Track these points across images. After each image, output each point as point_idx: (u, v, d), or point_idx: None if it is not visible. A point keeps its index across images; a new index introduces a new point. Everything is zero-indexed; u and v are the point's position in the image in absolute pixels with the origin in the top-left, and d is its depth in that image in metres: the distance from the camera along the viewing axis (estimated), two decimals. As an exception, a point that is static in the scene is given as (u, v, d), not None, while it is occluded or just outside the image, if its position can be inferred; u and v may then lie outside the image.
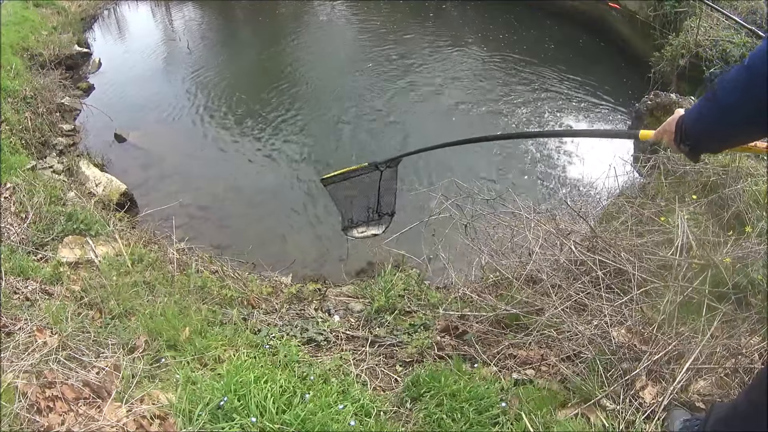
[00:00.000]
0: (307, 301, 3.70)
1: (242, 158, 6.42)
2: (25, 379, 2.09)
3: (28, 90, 6.46)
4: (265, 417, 2.01)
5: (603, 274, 2.53)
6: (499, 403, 2.16)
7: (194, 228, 5.23)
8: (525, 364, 2.48)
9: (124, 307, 2.91)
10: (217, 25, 11.34)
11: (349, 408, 2.16)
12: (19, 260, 3.26)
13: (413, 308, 3.31)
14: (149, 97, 7.95)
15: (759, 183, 3.13)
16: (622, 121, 7.03)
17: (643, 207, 3.14)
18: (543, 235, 2.88)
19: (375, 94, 7.83)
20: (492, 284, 3.13)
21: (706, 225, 2.86)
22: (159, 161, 6.40)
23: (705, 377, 2.10)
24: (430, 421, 2.14)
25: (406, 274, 3.84)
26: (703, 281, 2.32)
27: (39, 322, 2.57)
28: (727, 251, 2.50)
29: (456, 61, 8.82)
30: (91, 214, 4.00)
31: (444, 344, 2.76)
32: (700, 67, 6.13)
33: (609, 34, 9.15)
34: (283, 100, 7.66)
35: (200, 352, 2.59)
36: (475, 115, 7.23)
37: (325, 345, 2.96)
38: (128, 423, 1.97)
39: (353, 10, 11.31)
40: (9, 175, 4.31)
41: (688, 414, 1.94)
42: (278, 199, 5.75)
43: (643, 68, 7.35)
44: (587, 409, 2.07)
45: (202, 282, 3.43)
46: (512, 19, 10.24)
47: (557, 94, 7.71)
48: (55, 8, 9.69)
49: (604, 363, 2.16)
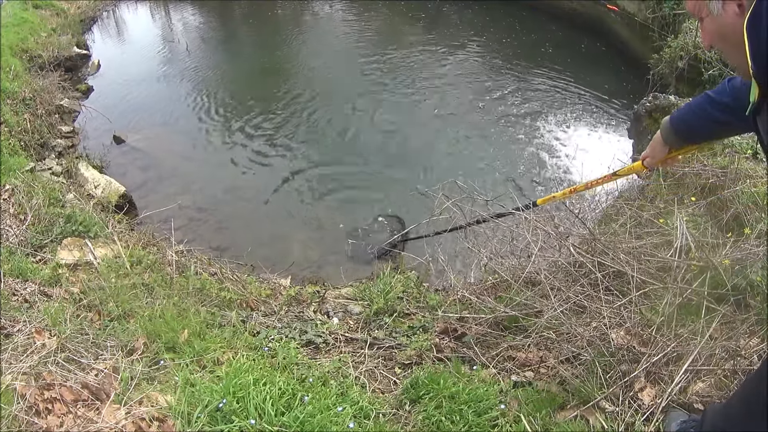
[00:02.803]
0: (305, 303, 3.69)
1: (241, 160, 6.42)
2: (23, 380, 2.08)
3: (27, 92, 6.45)
4: (264, 419, 2.01)
5: (602, 276, 2.53)
6: (498, 405, 2.16)
7: (193, 230, 5.23)
8: (524, 366, 2.48)
9: (122, 309, 2.90)
10: (216, 26, 11.35)
11: (348, 410, 2.15)
12: (18, 262, 3.25)
13: (412, 310, 3.31)
14: (148, 98, 7.95)
15: (758, 185, 3.13)
16: (621, 122, 7.04)
17: (642, 209, 3.14)
18: (542, 237, 2.88)
19: (375, 95, 7.84)
20: (491, 286, 3.13)
21: (705, 227, 2.86)
22: (158, 163, 6.39)
23: (704, 379, 2.10)
24: (429, 423, 2.14)
25: (405, 276, 3.84)
26: (702, 283, 2.32)
27: (38, 324, 2.57)
28: (726, 253, 2.50)
29: (456, 62, 8.84)
30: (90, 215, 4.00)
31: (443, 346, 2.76)
32: (698, 68, 6.15)
33: (608, 36, 9.17)
34: (283, 102, 7.66)
35: (199, 354, 2.58)
36: (475, 116, 7.24)
37: (324, 347, 2.96)
38: (127, 425, 1.97)
39: (353, 12, 11.32)
40: (8, 176, 4.30)
41: (685, 415, 1.94)
42: (277, 201, 5.75)
43: (642, 70, 7.36)
44: (586, 411, 2.07)
45: (201, 284, 3.43)
46: (513, 21, 10.28)
47: (557, 96, 7.73)
48: (55, 10, 9.70)
49: (603, 365, 2.16)
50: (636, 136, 5.47)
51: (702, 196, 3.27)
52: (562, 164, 6.25)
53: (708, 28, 1.41)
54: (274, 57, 9.42)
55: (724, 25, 1.34)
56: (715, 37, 1.40)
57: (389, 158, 6.41)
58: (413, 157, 6.40)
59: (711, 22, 1.39)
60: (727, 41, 1.37)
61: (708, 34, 1.42)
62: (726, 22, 1.33)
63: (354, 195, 5.77)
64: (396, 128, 7.02)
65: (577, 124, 7.14)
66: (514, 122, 7.11)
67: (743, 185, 3.13)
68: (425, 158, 6.37)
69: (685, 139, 1.95)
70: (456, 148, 6.57)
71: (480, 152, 6.48)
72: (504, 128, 6.98)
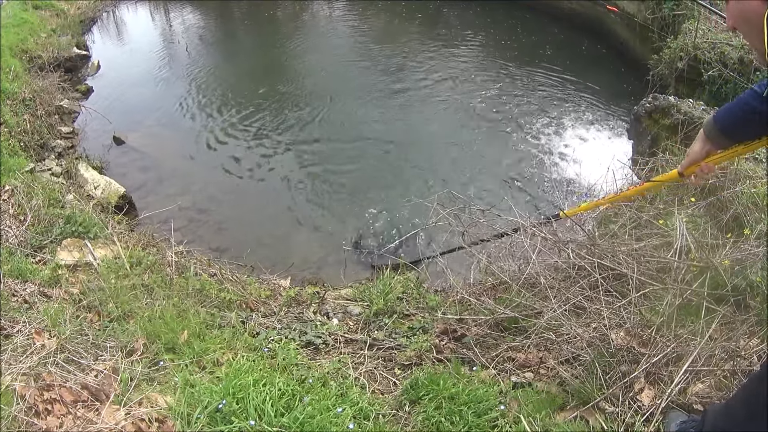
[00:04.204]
0: (305, 304, 3.69)
1: (241, 161, 6.42)
2: (23, 381, 2.08)
3: (27, 92, 6.46)
4: (264, 420, 2.01)
5: (602, 277, 2.53)
6: (497, 406, 2.16)
7: (193, 231, 5.23)
8: (524, 366, 2.48)
9: (122, 310, 2.90)
10: (215, 27, 11.36)
11: (347, 411, 2.15)
12: (18, 262, 3.26)
13: (412, 311, 3.30)
14: (148, 99, 7.95)
15: (757, 185, 3.13)
16: (621, 123, 7.04)
17: (641, 210, 3.14)
18: (540, 243, 2.88)
19: (375, 96, 7.85)
20: (490, 287, 3.13)
21: (704, 227, 2.86)
22: (158, 164, 6.40)
23: (703, 379, 2.10)
24: (429, 424, 2.14)
25: (404, 277, 3.84)
26: (701, 284, 2.32)
27: (37, 325, 2.57)
28: (725, 253, 2.51)
29: (456, 63, 8.84)
30: (90, 216, 4.00)
31: (443, 347, 2.76)
32: (698, 69, 6.15)
33: (608, 37, 9.18)
34: (283, 103, 7.66)
35: (199, 355, 2.58)
36: (475, 116, 7.25)
37: (324, 348, 2.96)
38: (126, 426, 1.97)
39: (352, 13, 11.32)
40: (8, 177, 4.30)
41: (684, 416, 1.95)
42: (277, 203, 5.75)
43: (641, 71, 7.37)
44: (586, 412, 2.07)
45: (200, 285, 3.43)
46: (514, 23, 10.29)
47: (557, 97, 7.73)
48: (54, 10, 9.70)
49: (603, 365, 2.16)
50: (635, 136, 5.47)
51: (702, 197, 3.27)
52: (562, 164, 6.25)
53: (732, 9, 1.43)
54: (274, 57, 9.43)
55: (748, 9, 1.37)
56: (739, 19, 1.42)
57: (389, 159, 6.41)
58: (413, 158, 6.40)
59: (735, 4, 1.41)
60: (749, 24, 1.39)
61: (732, 16, 1.44)
62: (750, 7, 1.36)
63: (354, 195, 5.77)
64: (396, 129, 7.03)
65: (576, 124, 7.14)
66: (513, 123, 7.11)
67: (743, 186, 3.13)
68: (425, 159, 6.37)
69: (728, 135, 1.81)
70: (456, 148, 6.58)
71: (480, 153, 6.48)
72: (504, 129, 6.98)
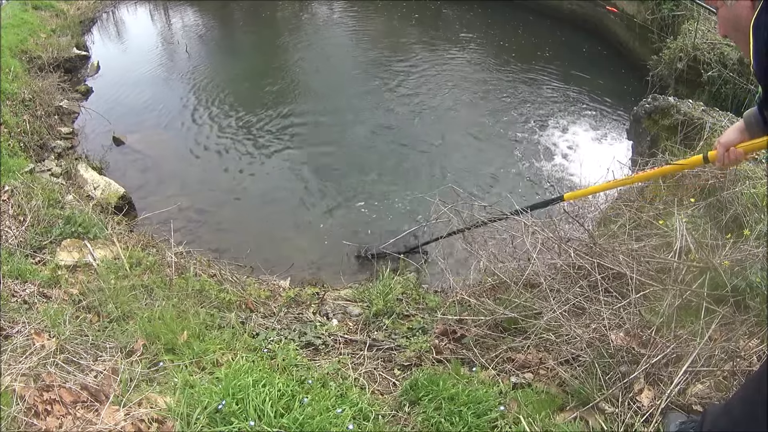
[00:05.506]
0: (305, 305, 3.69)
1: (241, 161, 6.42)
2: (23, 382, 2.08)
3: (26, 93, 6.45)
4: (264, 421, 2.00)
5: (601, 277, 2.53)
6: (497, 406, 2.16)
7: (192, 231, 5.22)
8: (523, 367, 2.48)
9: (122, 311, 2.90)
10: (215, 28, 11.35)
11: (347, 412, 2.15)
12: (17, 263, 3.25)
13: (411, 312, 3.30)
14: (148, 100, 7.95)
15: (757, 186, 3.13)
16: (620, 123, 7.04)
17: (641, 210, 3.15)
18: (541, 241, 2.88)
19: (376, 97, 7.84)
20: (490, 288, 3.13)
21: (704, 228, 2.86)
22: (157, 164, 6.39)
23: (703, 380, 2.10)
24: (429, 425, 2.14)
25: (404, 277, 3.84)
26: (701, 284, 2.33)
27: (37, 326, 2.57)
28: (725, 254, 2.51)
29: (456, 64, 8.84)
30: (90, 217, 4.00)
31: (442, 348, 2.76)
32: (698, 70, 6.16)
33: (608, 37, 9.19)
34: (282, 103, 7.66)
35: (198, 356, 2.58)
36: (475, 117, 7.25)
37: (324, 349, 2.95)
38: (126, 426, 1.97)
39: (352, 14, 11.32)
40: (7, 177, 4.30)
41: (684, 416, 1.95)
42: (277, 203, 5.75)
43: (641, 71, 7.38)
44: (586, 413, 2.08)
45: (200, 285, 3.43)
46: (515, 24, 10.29)
47: (557, 98, 7.74)
48: (54, 11, 9.69)
49: (603, 366, 2.16)
50: (635, 137, 5.47)
51: (701, 197, 3.27)
52: (561, 165, 6.25)
53: (723, 16, 1.44)
54: (274, 58, 9.42)
55: (737, 15, 1.37)
56: (729, 26, 1.43)
57: (389, 160, 6.41)
58: (413, 158, 6.40)
59: (725, 11, 1.42)
60: (739, 31, 1.39)
61: (723, 22, 1.45)
62: (739, 13, 1.36)
63: (354, 196, 5.77)
64: (396, 130, 7.02)
65: (576, 125, 7.14)
66: (513, 123, 7.11)
67: (742, 186, 3.13)
68: (425, 160, 6.37)
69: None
70: (456, 149, 6.58)
71: (480, 153, 6.48)
72: (503, 129, 6.98)
